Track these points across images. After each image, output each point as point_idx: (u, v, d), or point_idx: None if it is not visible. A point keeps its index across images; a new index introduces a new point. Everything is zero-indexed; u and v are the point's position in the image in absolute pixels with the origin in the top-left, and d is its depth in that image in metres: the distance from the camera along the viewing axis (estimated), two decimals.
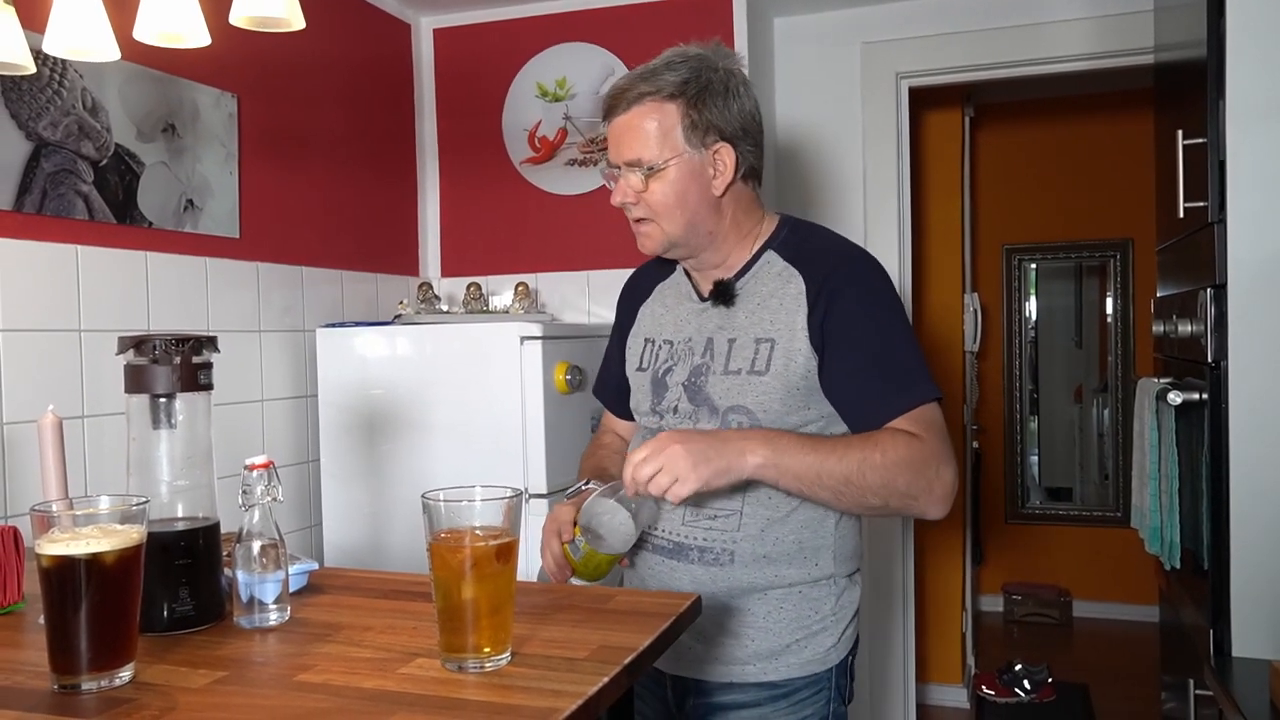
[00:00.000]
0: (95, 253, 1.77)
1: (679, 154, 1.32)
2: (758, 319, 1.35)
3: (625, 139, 1.33)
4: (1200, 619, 1.65)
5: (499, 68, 2.75)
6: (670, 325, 1.45)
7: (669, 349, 1.43)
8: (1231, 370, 1.52)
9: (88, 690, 0.87)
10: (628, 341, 1.52)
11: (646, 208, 1.34)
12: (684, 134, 1.32)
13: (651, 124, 1.32)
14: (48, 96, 1.69)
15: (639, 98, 1.32)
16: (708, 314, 1.40)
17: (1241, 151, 1.51)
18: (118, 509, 0.92)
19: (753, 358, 1.33)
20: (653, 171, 1.32)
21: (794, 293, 1.34)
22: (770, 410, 1.31)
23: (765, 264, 1.39)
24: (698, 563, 1.34)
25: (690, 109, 1.32)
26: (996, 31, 2.64)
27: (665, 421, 1.39)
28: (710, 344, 1.38)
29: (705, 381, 1.36)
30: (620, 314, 1.57)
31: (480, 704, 0.83)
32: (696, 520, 1.35)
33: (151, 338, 1.05)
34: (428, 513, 0.91)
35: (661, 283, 1.51)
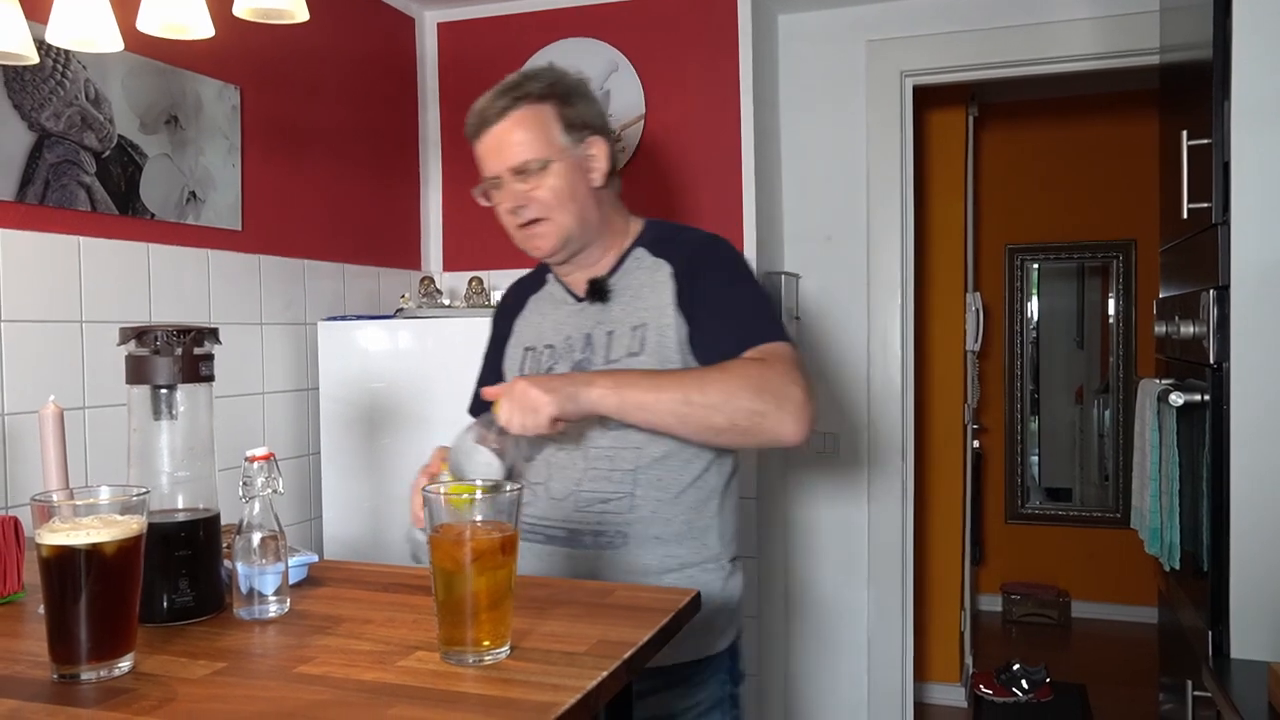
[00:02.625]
0: (97, 244, 1.77)
1: (561, 149, 1.40)
2: (632, 309, 1.43)
3: (506, 145, 1.40)
4: (1199, 620, 1.65)
5: (503, 62, 2.73)
6: (550, 330, 1.50)
7: (550, 352, 1.48)
8: (1234, 372, 1.52)
9: (87, 680, 0.87)
10: (506, 353, 1.57)
11: (540, 206, 1.40)
12: (562, 131, 1.40)
13: (531, 125, 1.39)
14: (50, 87, 1.69)
15: (513, 104, 1.39)
16: (585, 312, 1.47)
17: (1246, 153, 1.51)
18: (118, 500, 0.92)
19: (629, 344, 1.41)
20: (542, 169, 1.38)
21: (662, 278, 1.43)
22: None
23: (635, 260, 1.47)
24: (592, 547, 1.39)
25: (562, 107, 1.41)
26: (1001, 30, 2.64)
27: None
28: (589, 340, 1.44)
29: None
30: (495, 330, 1.63)
31: (479, 697, 0.83)
32: (589, 506, 1.39)
33: (153, 329, 1.05)
34: (428, 506, 0.91)
35: (534, 294, 1.58)
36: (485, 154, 1.42)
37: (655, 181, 2.64)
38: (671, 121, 2.63)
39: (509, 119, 1.39)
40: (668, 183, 2.64)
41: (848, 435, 2.85)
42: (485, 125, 1.41)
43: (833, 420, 2.85)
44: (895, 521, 2.84)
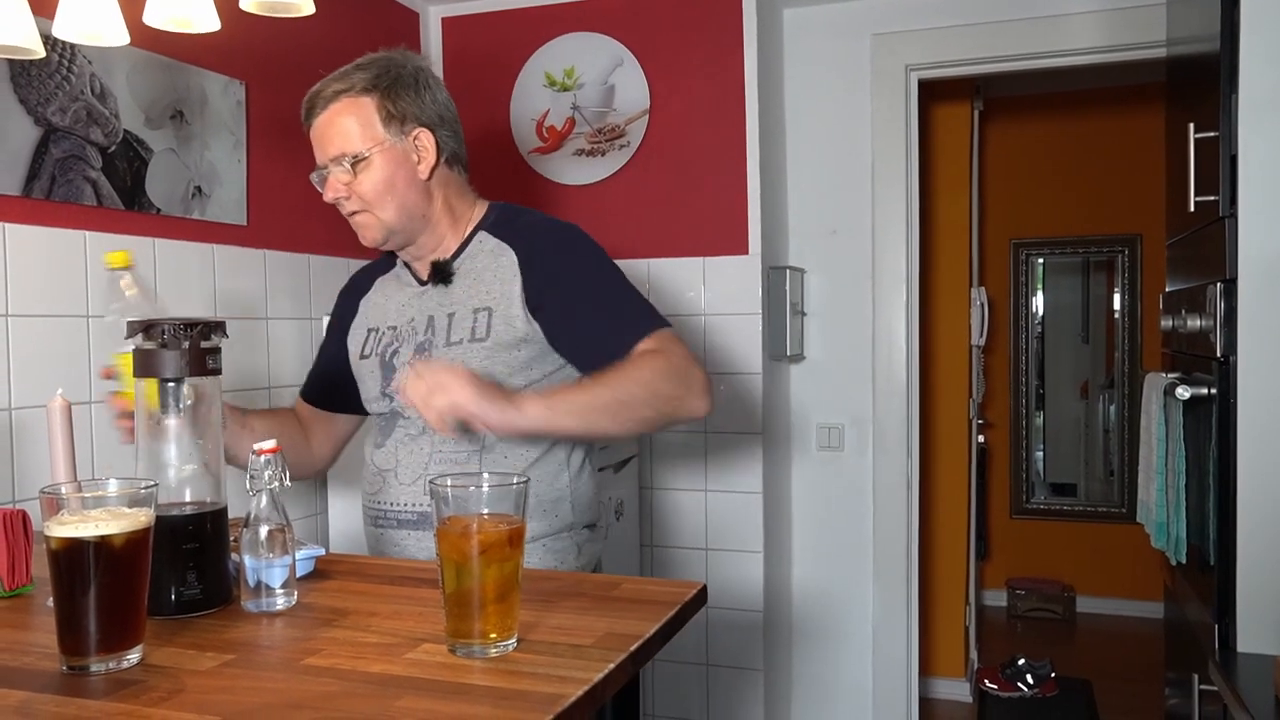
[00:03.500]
0: (103, 238, 1.78)
1: (380, 143, 1.40)
2: (475, 292, 1.45)
3: (327, 137, 1.41)
4: (1205, 614, 1.64)
5: (507, 57, 2.75)
6: (393, 311, 1.52)
7: (392, 334, 1.50)
8: (1241, 365, 1.52)
9: (96, 671, 0.88)
10: (349, 335, 1.59)
11: (359, 199, 1.42)
12: (382, 124, 1.41)
13: (349, 119, 1.40)
14: (56, 82, 1.69)
15: (334, 96, 1.40)
16: (427, 295, 1.49)
17: (1253, 146, 1.51)
18: (126, 492, 0.92)
19: (472, 326, 1.43)
20: (357, 162, 1.40)
21: (507, 264, 1.45)
22: (495, 375, 1.39)
23: (478, 243, 1.49)
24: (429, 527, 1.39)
25: (385, 100, 1.41)
26: (1007, 24, 2.63)
27: (397, 403, 1.46)
28: (431, 321, 1.46)
29: (429, 356, 1.44)
30: (339, 310, 1.65)
31: (486, 689, 0.83)
32: None
33: (160, 322, 1.05)
34: (435, 499, 0.91)
35: (381, 276, 1.60)
36: (314, 140, 1.44)
37: (660, 176, 2.64)
38: (676, 116, 2.63)
39: (331, 110, 1.41)
40: (672, 177, 2.63)
41: (853, 430, 2.85)
42: (311, 114, 1.43)
43: (837, 415, 2.85)
44: (900, 516, 2.84)
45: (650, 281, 2.65)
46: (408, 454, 1.45)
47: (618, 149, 2.65)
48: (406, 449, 1.45)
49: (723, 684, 2.66)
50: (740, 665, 2.63)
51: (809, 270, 2.84)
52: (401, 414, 1.46)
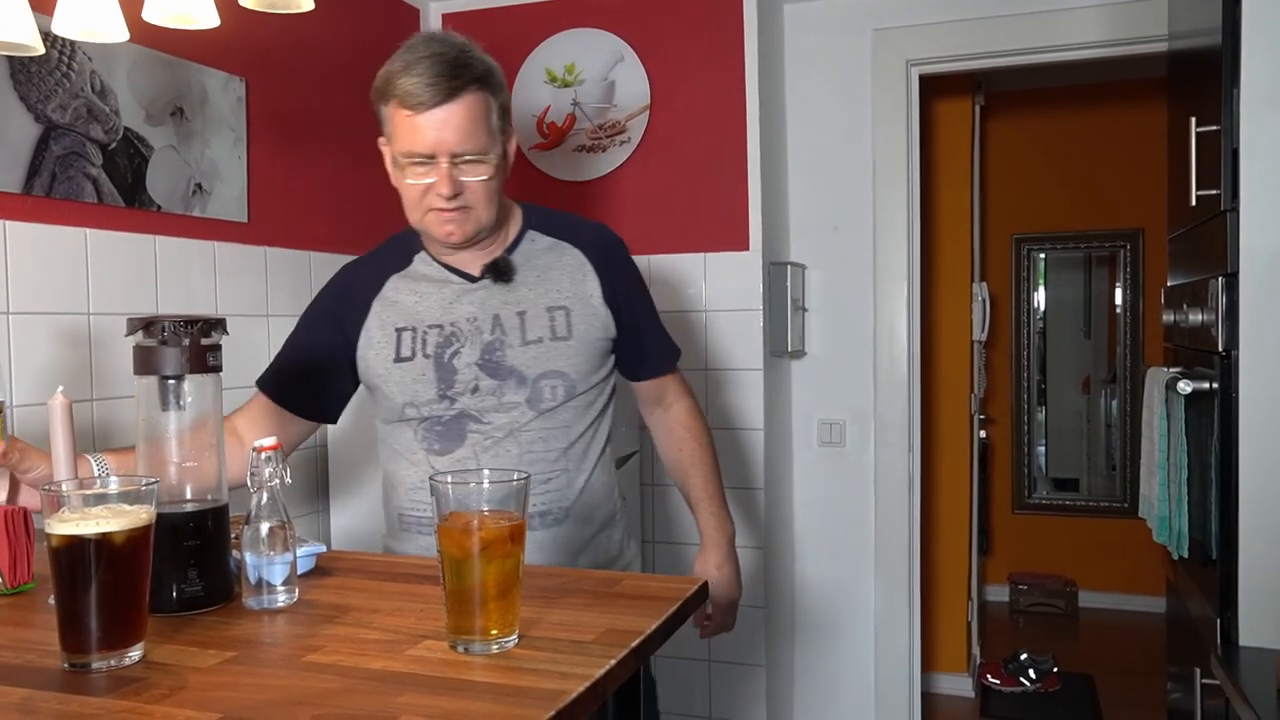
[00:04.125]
0: (104, 236, 1.78)
1: (496, 142, 1.38)
2: (542, 290, 1.45)
3: (452, 130, 1.33)
4: (1207, 609, 1.64)
5: (507, 53, 2.74)
6: (434, 310, 1.45)
7: (438, 333, 1.43)
8: (1242, 359, 1.51)
9: (98, 669, 0.88)
10: (362, 336, 1.47)
11: (471, 196, 1.37)
12: (496, 122, 1.38)
13: (475, 114, 1.34)
14: (56, 79, 1.69)
15: (463, 87, 1.32)
16: (484, 293, 1.44)
17: (1255, 139, 1.50)
18: (127, 490, 0.92)
19: (550, 325, 1.43)
20: (479, 161, 1.35)
21: (573, 262, 1.47)
22: (580, 370, 1.44)
23: (530, 241, 1.49)
24: (539, 528, 1.41)
25: (495, 96, 1.38)
26: (1008, 19, 2.62)
27: (461, 404, 1.41)
28: (498, 320, 1.43)
29: (504, 356, 1.41)
30: (332, 309, 1.51)
31: (488, 685, 0.84)
32: (533, 489, 1.39)
33: (160, 319, 1.05)
34: (435, 496, 0.91)
35: (396, 275, 1.50)
36: (422, 129, 1.33)
37: (660, 172, 2.63)
38: (677, 112, 2.62)
39: (460, 102, 1.32)
40: (673, 173, 2.63)
41: (854, 426, 2.84)
42: (433, 100, 1.32)
43: (839, 411, 2.85)
44: (902, 512, 2.84)
45: (651, 278, 2.64)
46: (491, 459, 1.41)
47: (618, 145, 2.65)
48: (490, 454, 1.41)
49: (725, 680, 2.66)
50: (742, 661, 2.63)
51: (810, 266, 2.84)
52: (473, 416, 1.42)
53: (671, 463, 1.62)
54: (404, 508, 1.48)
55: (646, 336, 1.54)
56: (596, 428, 1.50)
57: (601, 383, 1.49)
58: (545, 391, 1.41)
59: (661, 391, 1.61)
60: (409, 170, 1.37)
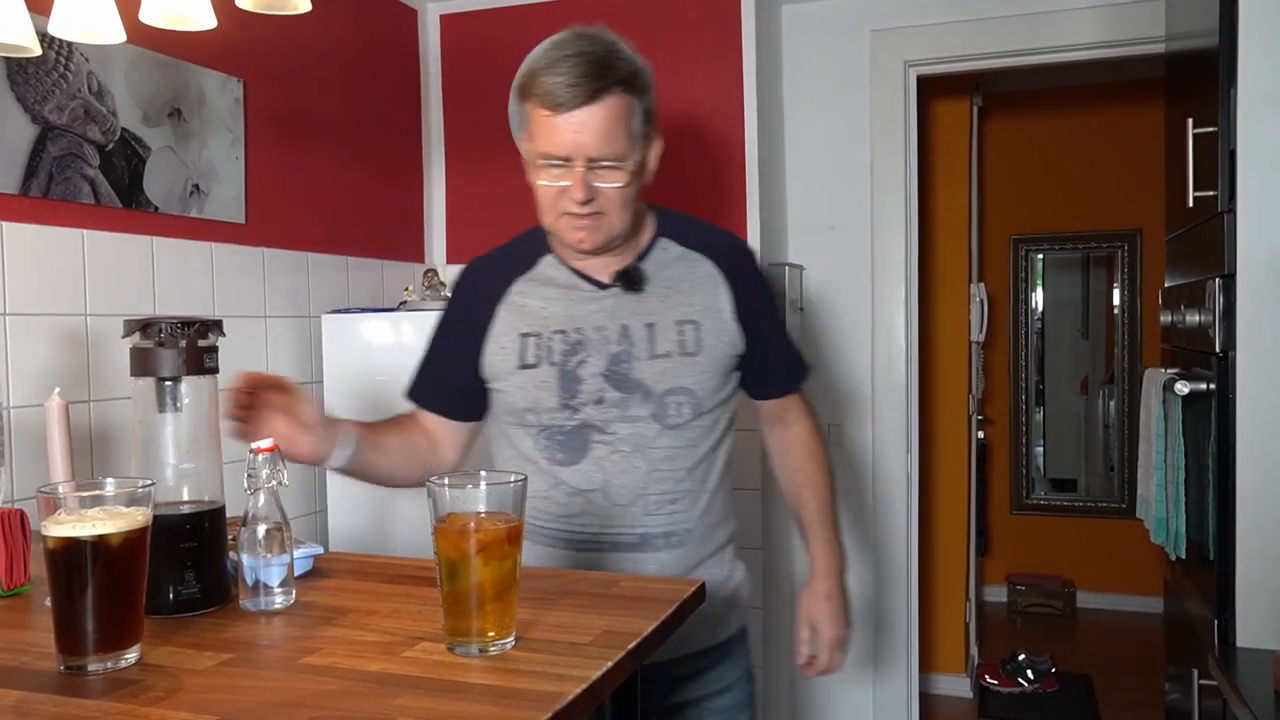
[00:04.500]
0: (101, 237, 1.77)
1: (637, 149, 1.32)
2: (673, 303, 1.39)
3: (593, 134, 1.26)
4: (1205, 609, 1.64)
5: (505, 53, 2.72)
6: (560, 316, 1.39)
7: (563, 339, 1.37)
8: (1240, 360, 1.51)
9: (94, 671, 0.87)
10: (488, 341, 1.42)
11: (606, 202, 1.31)
12: (639, 126, 1.31)
13: (620, 118, 1.28)
14: (54, 80, 1.69)
15: (606, 89, 1.26)
16: (613, 302, 1.38)
17: (1252, 140, 1.50)
18: (123, 491, 0.92)
19: (679, 339, 1.37)
20: (617, 168, 1.29)
21: (705, 275, 1.41)
22: (707, 387, 1.38)
23: (662, 250, 1.42)
24: (663, 549, 1.36)
25: (640, 99, 1.32)
26: (1006, 19, 2.62)
27: (584, 414, 1.35)
28: (626, 331, 1.36)
29: (630, 369, 1.35)
30: (463, 313, 1.46)
31: (485, 687, 0.83)
32: (658, 509, 1.36)
33: (157, 321, 1.05)
34: (432, 497, 0.91)
35: (522, 276, 1.44)
36: (560, 131, 1.27)
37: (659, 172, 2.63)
38: (675, 112, 2.62)
39: (601, 105, 1.26)
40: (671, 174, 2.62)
41: (852, 426, 2.84)
42: (573, 102, 1.25)
43: (837, 412, 2.85)
44: (900, 512, 2.84)
45: None
46: (620, 473, 1.35)
47: None
48: (618, 467, 1.35)
49: None
50: None
51: (808, 267, 2.84)
52: (597, 428, 1.35)
53: (786, 484, 1.57)
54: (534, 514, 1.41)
55: (774, 353, 1.47)
56: (720, 446, 1.44)
57: (727, 400, 1.43)
58: (671, 408, 1.35)
59: (784, 410, 1.54)
60: (544, 171, 1.31)
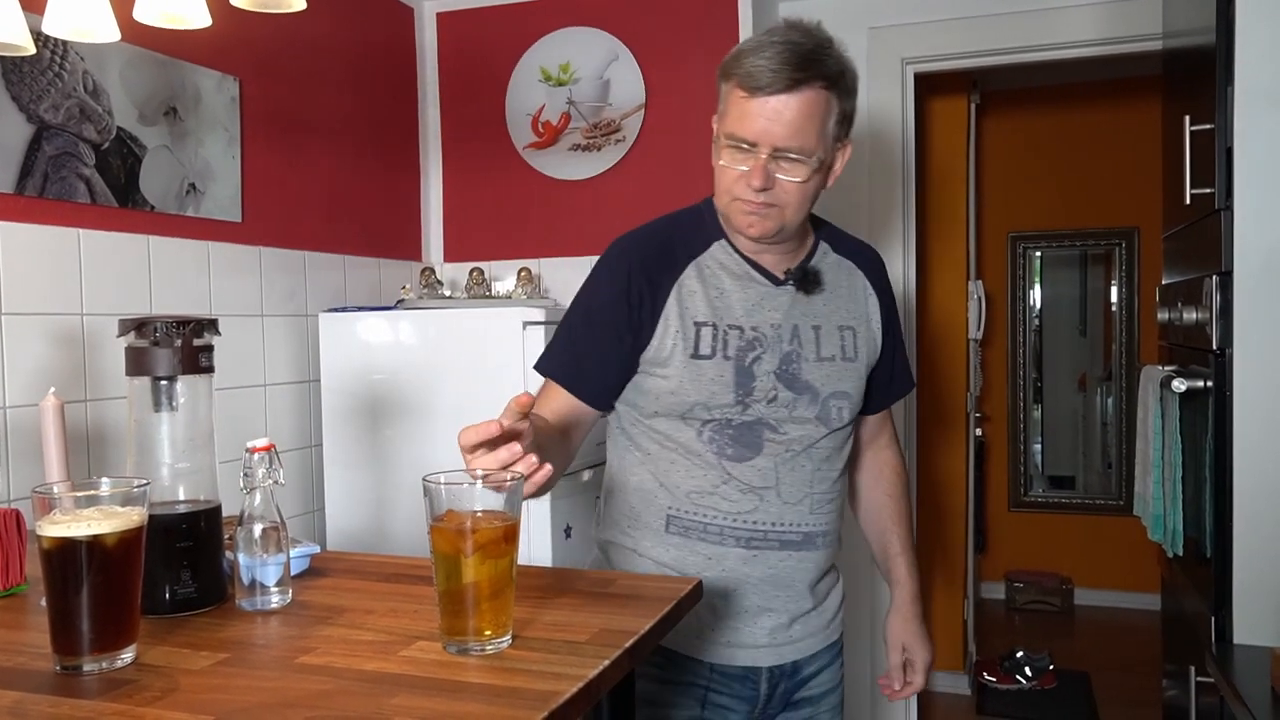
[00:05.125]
0: (97, 236, 1.77)
1: (827, 149, 1.28)
2: (835, 307, 1.39)
3: (783, 123, 1.22)
4: (1202, 606, 1.65)
5: (502, 52, 2.74)
6: (739, 309, 1.33)
7: (739, 335, 1.32)
8: (1237, 357, 1.52)
9: (90, 671, 0.87)
10: (660, 324, 1.32)
11: (783, 194, 1.27)
12: (833, 127, 1.28)
13: (816, 112, 1.24)
14: (49, 79, 1.68)
15: (807, 81, 1.22)
16: (788, 300, 1.36)
17: (1249, 138, 1.50)
18: (119, 491, 0.92)
19: (841, 344, 1.38)
20: (803, 163, 1.25)
21: (859, 283, 1.44)
22: (859, 393, 1.40)
23: (823, 254, 1.43)
24: (821, 547, 1.38)
25: (841, 101, 1.28)
26: (1003, 17, 2.62)
27: (756, 411, 1.32)
28: (796, 331, 1.35)
29: (800, 369, 1.34)
30: (624, 293, 1.33)
31: (481, 686, 0.83)
32: (821, 507, 1.37)
33: (153, 320, 1.05)
34: (429, 496, 0.91)
35: (697, 259, 1.36)
36: (752, 115, 1.23)
37: (656, 171, 2.63)
38: (672, 111, 2.62)
39: (801, 95, 1.22)
40: (668, 172, 2.63)
41: None
42: (770, 87, 1.22)
43: None
44: None
45: None
46: (789, 472, 1.34)
47: (614, 144, 2.64)
48: (787, 466, 1.34)
49: None
50: None
51: None
52: (770, 426, 1.33)
53: (873, 507, 1.58)
54: (681, 510, 1.35)
55: (892, 365, 1.48)
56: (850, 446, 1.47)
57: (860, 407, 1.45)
58: (833, 411, 1.36)
59: (881, 428, 1.57)
60: (727, 153, 1.28)
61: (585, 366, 1.36)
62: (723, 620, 1.35)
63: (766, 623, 1.37)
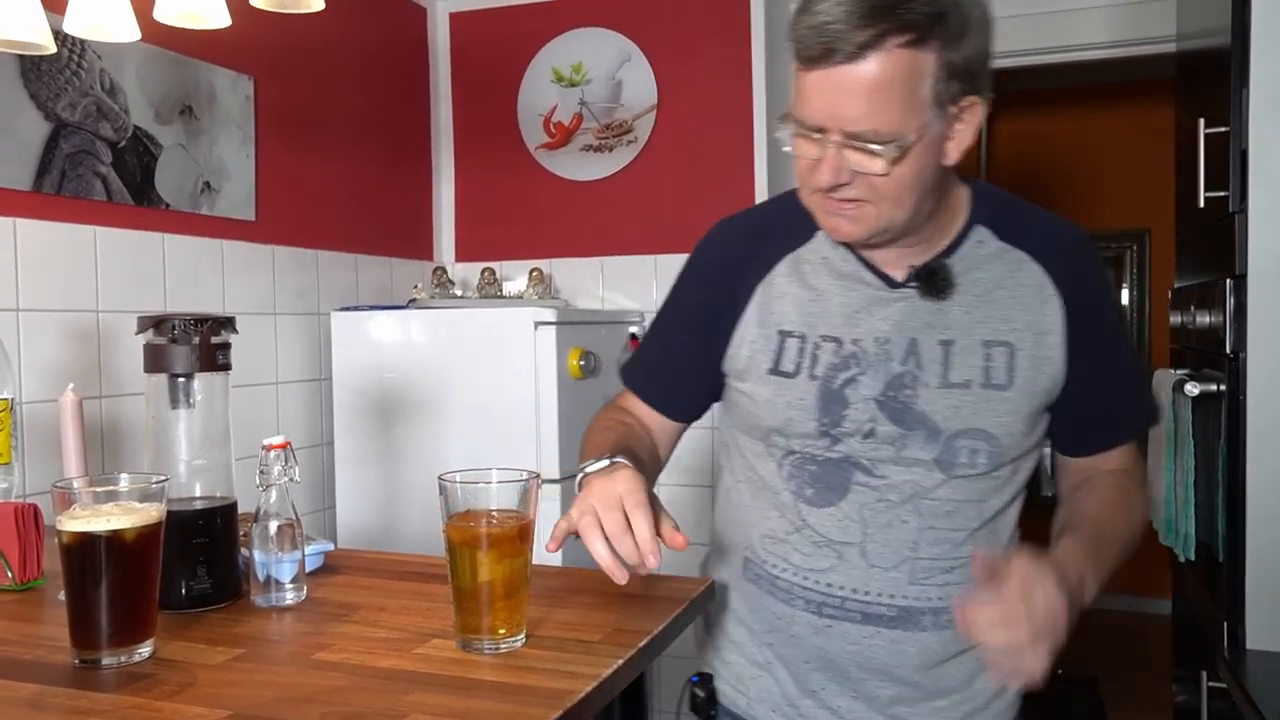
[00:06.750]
0: (113, 234, 1.78)
1: (925, 122, 0.93)
2: (983, 316, 1.05)
3: (849, 102, 0.92)
4: (1214, 611, 1.64)
5: (515, 52, 2.75)
6: (838, 317, 1.07)
7: (835, 348, 1.06)
8: (1250, 361, 1.51)
9: (108, 665, 0.88)
10: (738, 329, 1.12)
11: (867, 189, 0.97)
12: (933, 94, 0.93)
13: (900, 80, 0.91)
14: (66, 77, 1.69)
15: (880, 39, 0.89)
16: (907, 306, 1.06)
17: (1265, 141, 1.50)
18: (137, 487, 0.92)
19: (984, 366, 1.04)
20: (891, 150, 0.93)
21: (1030, 284, 1.06)
22: (1014, 434, 1.05)
23: (976, 244, 1.08)
24: (930, 628, 1.06)
25: (944, 51, 0.92)
26: (1016, 19, 2.62)
27: (847, 447, 1.06)
28: (914, 346, 1.05)
29: (914, 397, 1.04)
30: (707, 287, 1.15)
31: (495, 684, 0.84)
32: (929, 577, 1.06)
33: (171, 317, 1.06)
34: (444, 494, 0.91)
35: (795, 252, 1.11)
36: (814, 90, 0.94)
37: (667, 172, 2.63)
38: (684, 111, 2.62)
39: (870, 61, 0.90)
40: (680, 173, 2.63)
41: None
42: (829, 55, 0.91)
43: None
44: None
45: (658, 277, 2.64)
46: (883, 527, 1.05)
47: (625, 145, 2.65)
48: (880, 519, 1.05)
49: None
50: None
51: None
52: (863, 466, 1.06)
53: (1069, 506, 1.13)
54: (755, 554, 1.14)
55: (1109, 391, 1.09)
56: (1013, 504, 1.12)
57: (1032, 450, 1.10)
58: (962, 454, 1.04)
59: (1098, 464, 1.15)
60: (797, 139, 0.99)
61: (661, 371, 1.21)
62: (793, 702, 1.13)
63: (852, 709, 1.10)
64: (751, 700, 1.16)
